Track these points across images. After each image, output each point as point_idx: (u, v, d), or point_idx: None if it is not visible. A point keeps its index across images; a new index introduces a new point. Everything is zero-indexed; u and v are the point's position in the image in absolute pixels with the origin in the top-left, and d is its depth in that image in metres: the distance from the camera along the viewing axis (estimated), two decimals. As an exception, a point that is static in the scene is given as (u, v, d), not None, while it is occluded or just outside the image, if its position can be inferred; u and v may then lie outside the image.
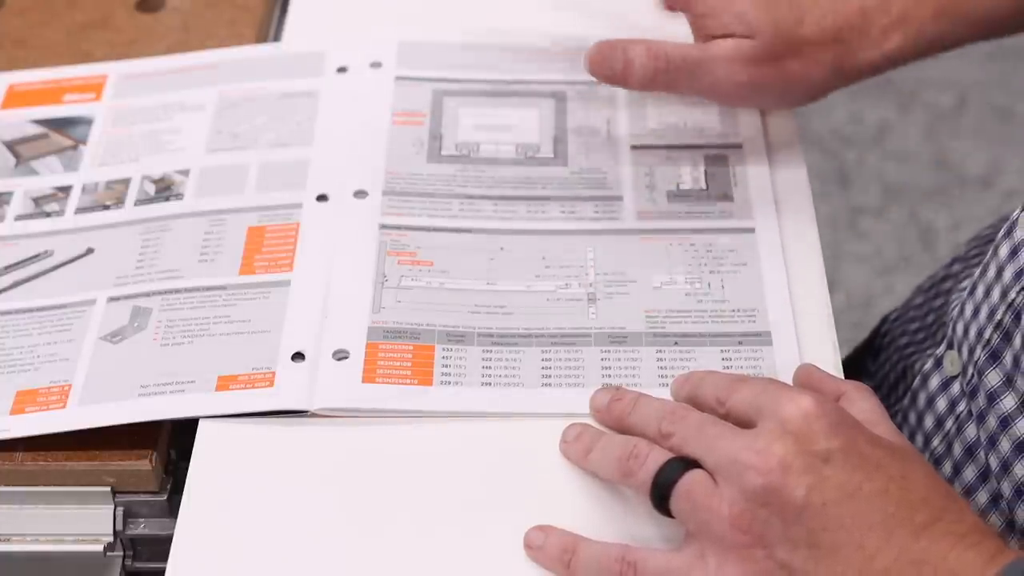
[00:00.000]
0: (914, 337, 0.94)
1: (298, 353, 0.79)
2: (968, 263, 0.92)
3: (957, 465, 0.79)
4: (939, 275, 0.97)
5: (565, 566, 0.69)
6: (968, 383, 0.79)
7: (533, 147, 0.92)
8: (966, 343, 0.79)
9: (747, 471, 0.65)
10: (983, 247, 0.92)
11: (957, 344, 0.80)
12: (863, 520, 0.63)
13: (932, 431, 0.82)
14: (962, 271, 0.92)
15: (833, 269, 2.03)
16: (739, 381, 0.71)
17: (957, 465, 0.79)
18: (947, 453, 0.80)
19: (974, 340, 0.78)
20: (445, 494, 0.74)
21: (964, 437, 0.79)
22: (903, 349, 0.94)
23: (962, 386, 0.80)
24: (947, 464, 0.80)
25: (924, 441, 0.83)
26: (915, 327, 0.95)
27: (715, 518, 0.65)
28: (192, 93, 0.96)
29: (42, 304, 0.83)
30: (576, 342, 0.80)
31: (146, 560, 0.77)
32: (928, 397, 0.83)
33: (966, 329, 0.79)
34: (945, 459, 0.80)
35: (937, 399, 0.82)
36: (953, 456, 0.79)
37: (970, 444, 0.78)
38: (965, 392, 0.79)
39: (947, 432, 0.80)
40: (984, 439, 0.77)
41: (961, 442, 0.79)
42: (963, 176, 2.16)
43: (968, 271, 0.91)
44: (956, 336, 0.81)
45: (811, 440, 0.65)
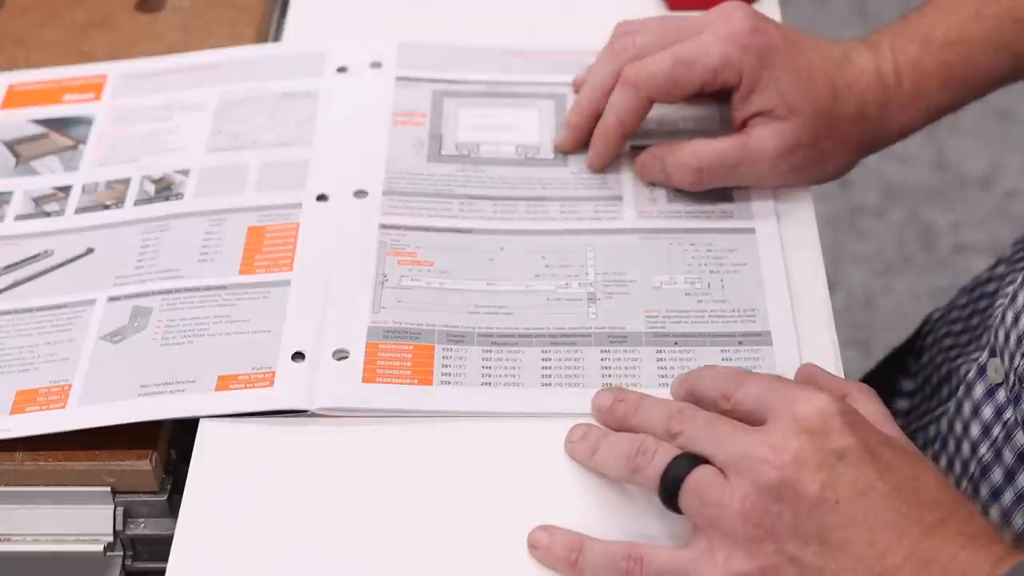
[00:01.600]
0: (958, 339, 0.94)
1: (298, 353, 0.79)
2: (1013, 266, 0.92)
3: (1010, 472, 0.79)
4: (983, 276, 0.96)
5: (571, 565, 0.69)
6: (1012, 390, 0.79)
7: (533, 147, 0.92)
8: (1007, 350, 0.79)
9: (761, 465, 0.65)
10: None
11: (999, 351, 0.80)
12: (875, 518, 0.64)
13: (979, 439, 0.82)
14: (1007, 273, 0.92)
15: (833, 269, 2.03)
16: (744, 376, 0.71)
17: (1010, 472, 0.79)
18: (997, 460, 0.80)
19: (1015, 347, 0.78)
20: (445, 494, 0.74)
21: (1014, 444, 0.78)
22: (947, 351, 0.94)
23: (1007, 393, 0.80)
24: (998, 471, 0.80)
25: (971, 449, 0.82)
26: (959, 328, 0.95)
27: (725, 512, 0.65)
28: (192, 93, 0.96)
29: (42, 304, 0.83)
30: (576, 342, 0.80)
31: (146, 560, 0.78)
32: (973, 405, 0.83)
33: (1007, 336, 0.79)
34: (995, 466, 0.80)
35: (983, 407, 0.82)
36: (1004, 463, 0.79)
37: (1021, 450, 0.78)
38: (1011, 399, 0.79)
39: (995, 439, 0.80)
40: None
41: (1012, 449, 0.79)
42: (963, 176, 2.16)
43: (1012, 275, 0.90)
44: (999, 343, 0.80)
45: (826, 437, 0.65)
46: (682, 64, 0.85)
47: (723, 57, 0.84)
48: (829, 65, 0.86)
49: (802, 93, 0.85)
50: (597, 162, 0.89)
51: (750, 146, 0.85)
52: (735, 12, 0.86)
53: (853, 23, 2.33)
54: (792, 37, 0.86)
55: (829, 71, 0.86)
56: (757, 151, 0.85)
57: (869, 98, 0.86)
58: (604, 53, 0.89)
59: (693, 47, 0.85)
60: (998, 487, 0.79)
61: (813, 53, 0.86)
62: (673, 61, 0.85)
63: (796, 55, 0.85)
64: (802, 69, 0.85)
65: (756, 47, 0.84)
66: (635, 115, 0.87)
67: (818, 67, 0.85)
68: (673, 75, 0.85)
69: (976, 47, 0.88)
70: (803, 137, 0.85)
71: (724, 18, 0.86)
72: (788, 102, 0.84)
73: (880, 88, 0.87)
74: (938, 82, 0.88)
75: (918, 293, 2.01)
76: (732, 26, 0.85)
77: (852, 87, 0.86)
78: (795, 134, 0.85)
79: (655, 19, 0.90)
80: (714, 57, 0.84)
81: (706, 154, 0.86)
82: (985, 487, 0.80)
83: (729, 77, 0.85)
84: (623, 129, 0.87)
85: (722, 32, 0.85)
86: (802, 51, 0.86)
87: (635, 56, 0.87)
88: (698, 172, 0.86)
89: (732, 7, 0.86)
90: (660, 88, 0.86)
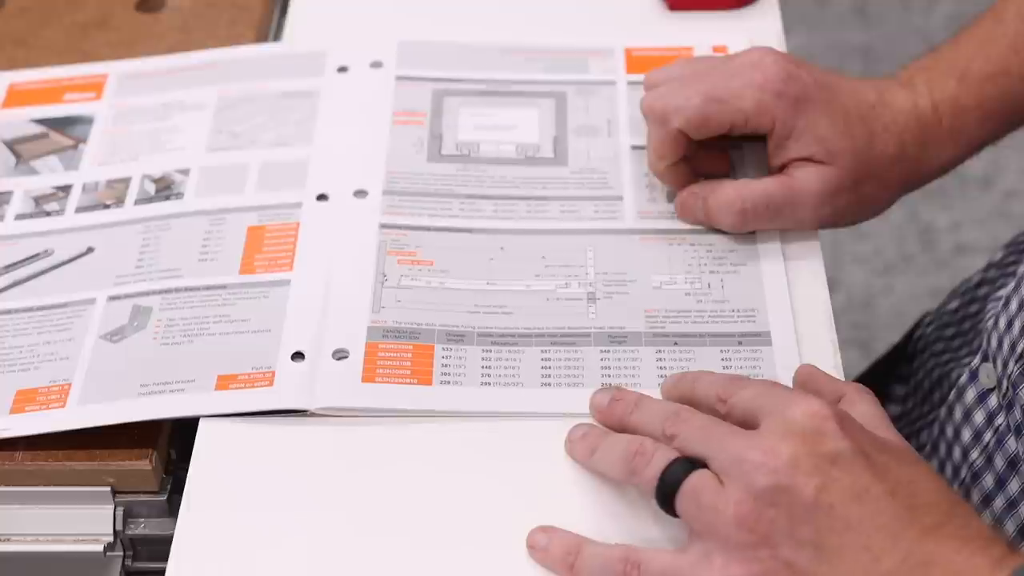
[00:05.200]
0: (950, 344, 0.93)
1: (298, 352, 0.79)
2: (1004, 270, 0.92)
3: (1001, 478, 0.79)
4: (974, 280, 0.96)
5: (569, 567, 0.69)
6: (1004, 396, 0.79)
7: (533, 147, 0.92)
8: (1000, 356, 0.79)
9: (756, 470, 0.65)
10: (1020, 255, 0.92)
11: (992, 356, 0.80)
12: (870, 522, 0.63)
13: (970, 444, 0.82)
14: (998, 277, 0.92)
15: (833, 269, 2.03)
16: (740, 380, 0.71)
17: (1001, 478, 0.79)
18: (988, 466, 0.80)
19: (1008, 353, 0.78)
20: (445, 494, 0.74)
21: (1006, 450, 0.78)
22: (939, 355, 0.93)
23: (999, 399, 0.80)
24: (989, 477, 0.80)
25: (963, 453, 0.82)
26: (951, 333, 0.94)
27: (721, 517, 0.65)
28: (192, 93, 0.96)
29: (42, 303, 0.83)
30: (576, 342, 0.80)
31: (146, 560, 0.77)
32: (965, 410, 0.83)
33: (1000, 342, 0.79)
34: (986, 472, 0.80)
35: (974, 412, 0.82)
36: (995, 469, 0.79)
37: (1012, 456, 0.78)
38: (1003, 405, 0.79)
39: (986, 445, 0.80)
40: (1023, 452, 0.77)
41: (1003, 455, 0.79)
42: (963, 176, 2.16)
43: (1004, 279, 0.90)
44: (991, 348, 0.80)
45: (819, 441, 0.65)
46: (714, 101, 0.83)
47: (757, 102, 0.83)
48: (864, 108, 0.84)
49: (840, 138, 0.83)
50: (676, 203, 0.87)
51: (794, 189, 0.84)
52: (765, 58, 0.84)
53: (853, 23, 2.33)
54: (825, 81, 0.85)
55: (865, 114, 0.84)
56: (801, 194, 0.84)
57: (907, 138, 0.85)
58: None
59: (726, 89, 0.83)
60: (989, 493, 0.79)
61: (848, 97, 0.84)
62: (705, 98, 0.83)
63: (831, 100, 0.84)
64: (838, 113, 0.84)
65: (791, 94, 0.83)
66: (670, 148, 0.85)
67: (854, 111, 0.84)
68: (705, 111, 0.83)
69: (1015, 80, 0.86)
70: (845, 181, 0.84)
71: (755, 64, 0.84)
72: (827, 148, 0.83)
73: (918, 127, 0.85)
74: (977, 116, 0.86)
75: (918, 293, 2.01)
76: (766, 74, 0.83)
77: (889, 128, 0.85)
78: (837, 178, 0.83)
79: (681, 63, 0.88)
80: (748, 101, 0.83)
81: (751, 195, 0.84)
82: (976, 493, 0.80)
83: (763, 122, 0.83)
84: (664, 162, 0.85)
85: (756, 80, 0.83)
86: (836, 95, 0.84)
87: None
88: (742, 214, 0.84)
89: (762, 53, 0.85)
90: (690, 122, 0.83)
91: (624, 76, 0.96)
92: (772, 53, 0.85)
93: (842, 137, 0.83)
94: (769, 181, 0.84)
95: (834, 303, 0.83)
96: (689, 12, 1.01)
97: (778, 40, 0.98)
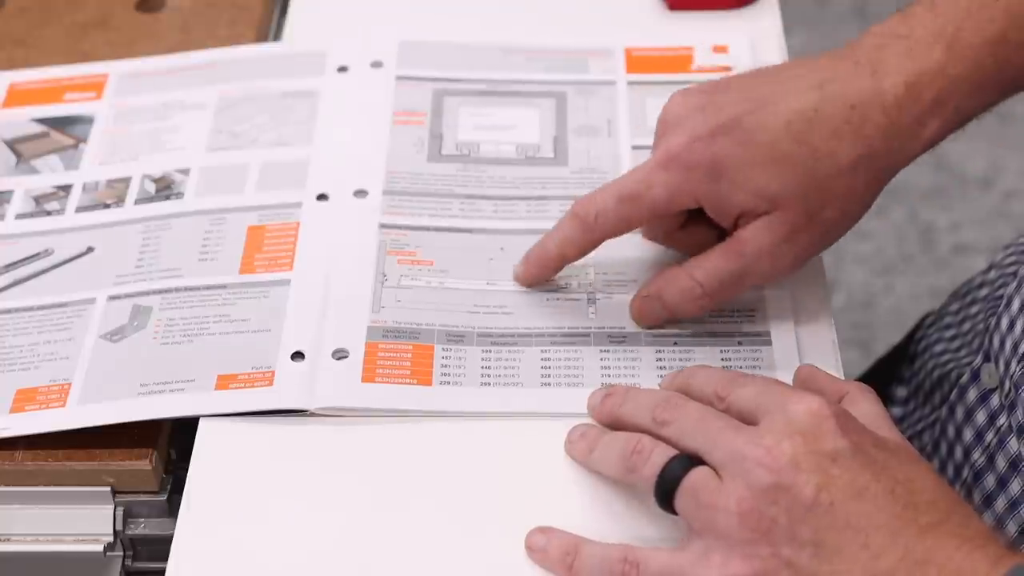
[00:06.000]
0: (950, 345, 0.93)
1: (298, 352, 0.79)
2: (1004, 270, 0.91)
3: (1002, 479, 0.78)
4: (975, 281, 0.96)
5: (567, 568, 0.69)
6: (1006, 396, 0.79)
7: (533, 147, 0.92)
8: (1002, 356, 0.79)
9: (756, 468, 0.64)
10: (1020, 255, 0.91)
11: (994, 357, 0.80)
12: (869, 520, 0.63)
13: (972, 444, 0.81)
14: (998, 278, 0.91)
15: (833, 269, 2.03)
16: (739, 377, 0.71)
17: (1002, 479, 0.78)
18: (989, 466, 0.79)
19: (1010, 353, 0.78)
20: (445, 494, 0.74)
21: (1007, 451, 0.78)
22: (939, 356, 0.93)
23: (1001, 399, 0.79)
24: (990, 477, 0.79)
25: (964, 454, 0.82)
26: (951, 334, 0.94)
27: (721, 515, 0.65)
28: (192, 92, 0.96)
29: (42, 302, 0.83)
30: (575, 342, 0.80)
31: (146, 560, 0.77)
32: (966, 410, 0.82)
33: (1002, 342, 0.79)
34: (987, 472, 0.80)
35: (976, 412, 0.81)
36: (996, 469, 0.79)
37: (1014, 457, 0.78)
38: (1004, 405, 0.79)
39: (988, 445, 0.80)
40: None
41: (1004, 455, 0.78)
42: (963, 176, 2.16)
43: (1005, 279, 0.90)
44: (993, 349, 0.80)
45: (819, 439, 0.65)
46: (627, 201, 0.77)
47: (668, 188, 0.76)
48: (799, 125, 0.75)
49: (775, 179, 0.75)
50: (525, 279, 0.82)
51: (744, 252, 0.77)
52: (669, 120, 0.77)
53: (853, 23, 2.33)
54: (739, 115, 0.76)
55: (800, 132, 0.75)
56: (754, 254, 0.77)
57: (870, 132, 0.76)
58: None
59: (635, 180, 0.77)
60: (990, 493, 0.79)
61: (773, 119, 0.75)
62: (617, 199, 0.77)
63: (750, 140, 0.75)
64: (764, 151, 0.75)
65: (702, 163, 0.75)
66: (580, 251, 0.80)
67: (784, 137, 0.75)
68: (620, 213, 0.77)
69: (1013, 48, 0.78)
70: (798, 220, 0.76)
71: (661, 134, 0.78)
72: (764, 196, 0.75)
73: (883, 116, 0.76)
74: (969, 88, 0.77)
75: (918, 293, 2.01)
76: (669, 146, 0.76)
77: (840, 131, 0.76)
78: (786, 222, 0.76)
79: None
80: (659, 190, 0.76)
81: (703, 277, 0.78)
82: (977, 493, 0.80)
83: (685, 202, 0.77)
84: (563, 262, 0.81)
85: (660, 156, 0.76)
86: (759, 127, 0.75)
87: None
88: (705, 298, 0.78)
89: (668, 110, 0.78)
90: (610, 229, 0.78)
91: (624, 76, 0.96)
92: (673, 107, 0.78)
93: (777, 176, 0.75)
94: (716, 253, 0.78)
95: (834, 303, 0.83)
96: (689, 12, 1.01)
97: (778, 40, 0.98)
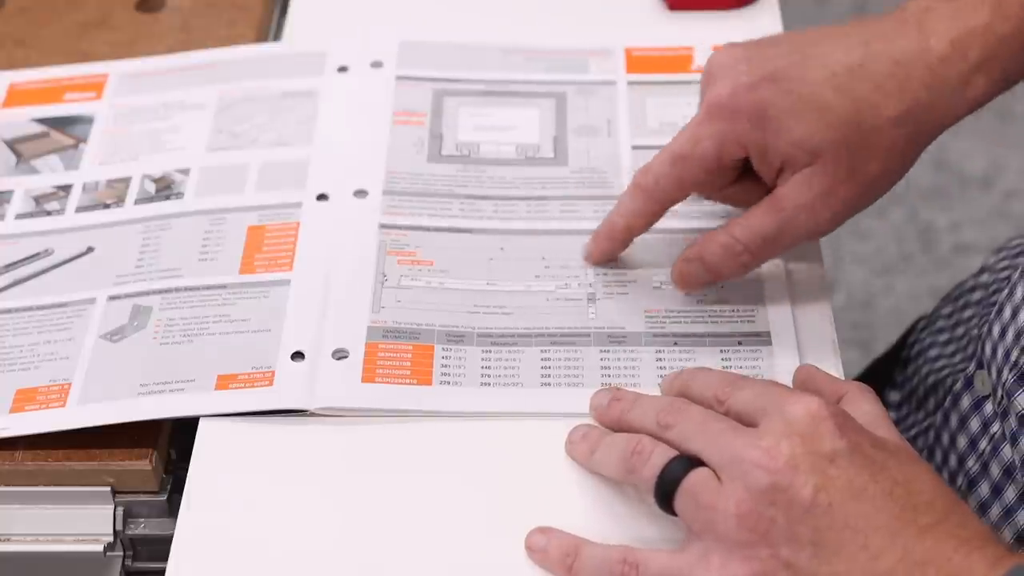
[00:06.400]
0: (944, 349, 0.93)
1: (298, 352, 0.79)
2: (997, 275, 0.91)
3: (997, 486, 0.78)
4: (967, 284, 0.95)
5: (567, 569, 0.69)
6: (999, 404, 0.79)
7: (533, 147, 0.92)
8: (995, 363, 0.79)
9: (754, 469, 0.65)
10: (1013, 260, 0.91)
11: (987, 364, 0.80)
12: (868, 521, 0.63)
13: (966, 451, 0.81)
14: (992, 283, 0.91)
15: (833, 269, 2.03)
16: (738, 380, 0.71)
17: (997, 486, 0.78)
18: (983, 474, 0.79)
19: (1002, 361, 0.78)
20: (445, 494, 0.74)
21: (1001, 458, 0.78)
22: (933, 361, 0.93)
23: (994, 406, 0.79)
24: (984, 485, 0.79)
25: (958, 461, 0.82)
26: (944, 338, 0.94)
27: (720, 517, 0.65)
28: (192, 92, 0.96)
29: (42, 302, 0.83)
30: (575, 342, 0.80)
31: (146, 560, 0.77)
32: (960, 417, 0.82)
33: (994, 349, 0.79)
34: (982, 480, 0.80)
35: (970, 419, 0.81)
36: (991, 477, 0.79)
37: (1008, 465, 0.78)
38: (998, 413, 0.79)
39: (982, 452, 0.80)
40: (1019, 461, 0.77)
41: (998, 463, 0.78)
42: (963, 176, 2.16)
43: (998, 284, 0.90)
44: (986, 356, 0.80)
45: (817, 440, 0.65)
46: (679, 161, 0.78)
47: (715, 139, 0.77)
48: (843, 78, 0.76)
49: (817, 129, 0.75)
50: (598, 257, 0.83)
51: (784, 208, 0.77)
52: (712, 71, 0.78)
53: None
54: (785, 67, 0.77)
55: (844, 85, 0.76)
56: (794, 211, 0.77)
57: (914, 87, 0.76)
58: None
59: (684, 139, 0.78)
60: (985, 501, 0.79)
61: (818, 71, 0.76)
62: (671, 161, 0.78)
63: (793, 89, 0.76)
64: (807, 101, 0.76)
65: (746, 109, 0.76)
66: (647, 221, 0.81)
67: (827, 88, 0.76)
68: (676, 174, 0.78)
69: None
70: (838, 173, 0.76)
71: (705, 86, 0.78)
72: (805, 147, 0.76)
73: (927, 72, 0.76)
74: (1016, 46, 0.76)
75: (918, 293, 2.01)
76: (715, 95, 0.77)
77: (884, 86, 0.76)
78: (827, 176, 0.76)
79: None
80: (707, 143, 0.77)
81: (743, 236, 0.78)
82: (972, 501, 0.79)
83: (734, 152, 0.77)
84: (631, 234, 0.82)
85: (705, 106, 0.77)
86: (803, 77, 0.76)
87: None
88: (746, 254, 0.78)
89: (711, 65, 0.79)
90: (672, 192, 0.79)
91: (624, 76, 0.96)
92: (720, 57, 0.79)
93: (819, 127, 0.76)
94: (756, 210, 0.78)
95: (834, 303, 0.83)
96: (689, 12, 1.01)
97: (778, 40, 0.98)
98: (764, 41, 0.80)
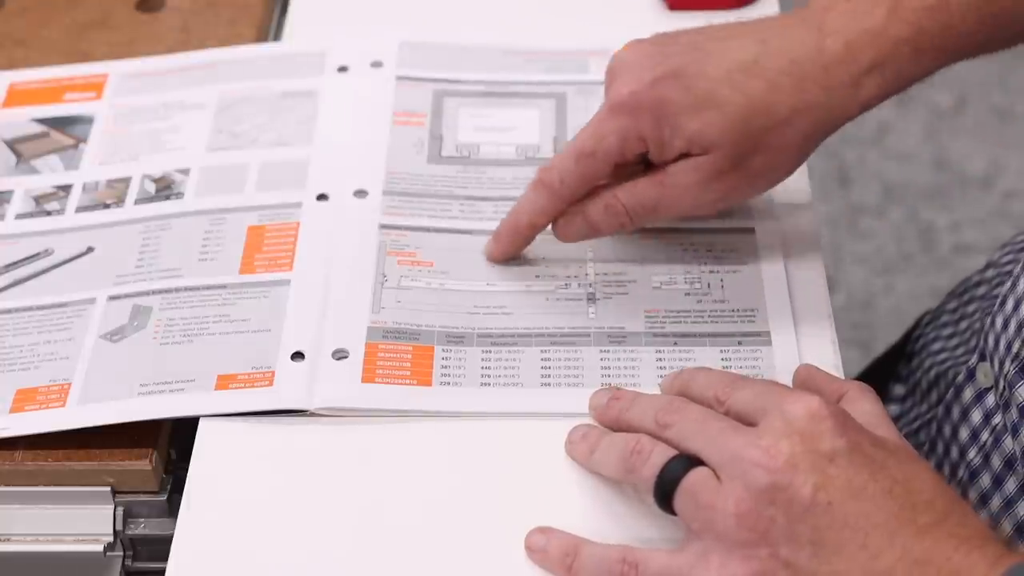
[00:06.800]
0: (947, 343, 0.93)
1: (298, 352, 0.79)
2: (1001, 269, 0.91)
3: (998, 478, 0.78)
4: (972, 280, 0.96)
5: (567, 569, 0.69)
6: (1001, 396, 0.79)
7: (533, 148, 0.92)
8: (997, 355, 0.79)
9: (754, 469, 0.65)
10: (1017, 254, 0.91)
11: (989, 356, 0.80)
12: (867, 520, 0.63)
13: (968, 443, 0.81)
14: (995, 277, 0.91)
15: (833, 269, 2.03)
16: (738, 380, 0.71)
17: (998, 478, 0.78)
18: (985, 465, 0.80)
19: (1004, 353, 0.78)
20: (445, 495, 0.74)
21: (1002, 449, 0.78)
22: (936, 355, 0.93)
23: (996, 398, 0.80)
24: (985, 476, 0.80)
25: (960, 453, 0.82)
26: (948, 332, 0.94)
27: (720, 516, 0.65)
28: (192, 92, 0.96)
29: (42, 302, 0.83)
30: (575, 342, 0.80)
31: (146, 560, 0.77)
32: (962, 409, 0.82)
33: (997, 341, 0.79)
34: (983, 471, 0.80)
35: (972, 411, 0.82)
36: (992, 468, 0.79)
37: (1009, 456, 0.78)
38: (1000, 404, 0.79)
39: (983, 444, 0.80)
40: (1020, 452, 0.77)
41: (1000, 454, 0.78)
42: (963, 176, 2.16)
43: (1001, 278, 0.90)
44: (988, 348, 0.80)
45: (817, 439, 0.65)
46: (585, 158, 0.79)
47: (618, 135, 0.78)
48: (738, 75, 0.77)
49: (712, 126, 0.77)
50: (499, 255, 0.84)
51: (666, 185, 0.79)
52: (617, 69, 0.80)
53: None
54: (685, 64, 0.78)
55: (739, 82, 0.77)
56: (675, 189, 0.79)
57: (807, 87, 0.77)
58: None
59: (588, 136, 0.79)
60: (985, 492, 0.79)
61: (716, 68, 0.78)
62: (576, 158, 0.80)
63: (693, 85, 0.78)
64: (704, 98, 0.77)
65: (647, 106, 0.78)
66: (549, 217, 0.82)
67: (724, 85, 0.77)
68: (581, 171, 0.80)
69: (955, 14, 0.78)
70: (723, 165, 0.78)
71: (610, 81, 0.80)
72: (699, 143, 0.78)
73: (821, 71, 0.77)
74: (910, 50, 0.78)
75: (918, 293, 2.01)
76: (617, 92, 0.79)
77: (777, 84, 0.77)
78: (713, 165, 0.78)
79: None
80: (611, 139, 0.79)
81: (628, 199, 0.80)
82: (973, 492, 0.80)
83: (635, 147, 0.79)
84: (535, 231, 0.83)
85: (608, 103, 0.79)
86: (701, 75, 0.78)
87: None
88: (624, 216, 0.81)
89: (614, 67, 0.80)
90: (577, 189, 0.81)
91: (624, 76, 0.96)
92: (623, 54, 0.80)
93: (714, 124, 0.77)
94: (643, 181, 0.80)
95: (834, 303, 0.83)
96: (689, 12, 1.01)
97: (778, 40, 0.98)
98: (667, 37, 0.81)
